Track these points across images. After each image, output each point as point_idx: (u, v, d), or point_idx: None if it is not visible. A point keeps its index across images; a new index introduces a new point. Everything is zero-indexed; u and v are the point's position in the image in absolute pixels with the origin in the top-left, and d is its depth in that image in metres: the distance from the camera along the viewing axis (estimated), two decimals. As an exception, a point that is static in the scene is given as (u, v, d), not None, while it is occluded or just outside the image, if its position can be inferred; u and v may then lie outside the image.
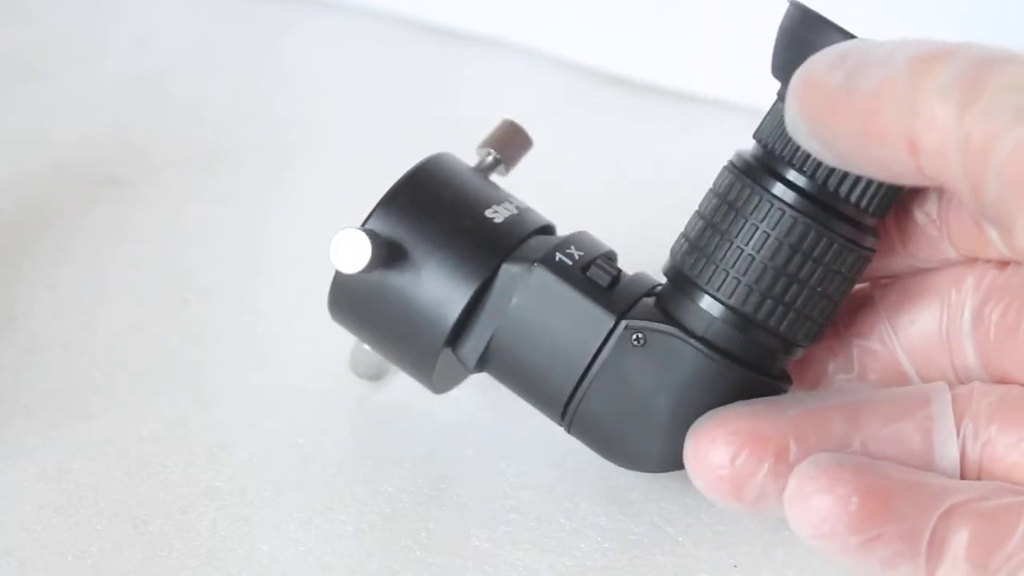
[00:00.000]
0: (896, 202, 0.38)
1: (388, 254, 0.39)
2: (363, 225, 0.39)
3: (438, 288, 0.39)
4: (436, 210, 0.40)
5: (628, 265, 0.40)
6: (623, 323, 0.38)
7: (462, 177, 0.41)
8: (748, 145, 0.38)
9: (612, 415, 0.39)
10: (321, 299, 0.41)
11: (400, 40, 0.64)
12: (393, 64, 0.63)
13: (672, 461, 0.39)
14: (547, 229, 0.41)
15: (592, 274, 0.39)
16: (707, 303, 0.38)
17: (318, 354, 0.47)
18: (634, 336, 0.38)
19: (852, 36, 0.35)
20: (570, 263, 0.39)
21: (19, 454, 0.43)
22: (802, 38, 0.35)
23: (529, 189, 0.56)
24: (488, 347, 0.40)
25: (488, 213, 0.40)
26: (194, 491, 0.43)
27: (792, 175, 0.37)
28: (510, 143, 0.43)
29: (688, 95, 0.61)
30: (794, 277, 0.37)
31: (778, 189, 0.37)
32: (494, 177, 0.43)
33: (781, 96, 0.37)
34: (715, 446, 0.37)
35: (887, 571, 0.35)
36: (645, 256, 0.41)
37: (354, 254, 0.38)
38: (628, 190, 0.55)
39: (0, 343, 0.47)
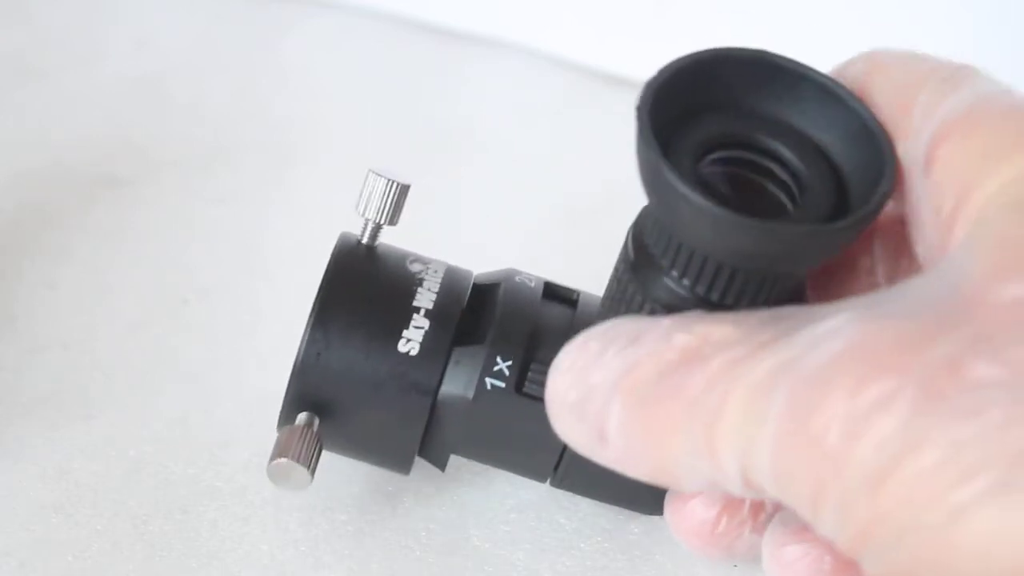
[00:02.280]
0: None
1: (323, 428, 0.39)
2: (283, 410, 0.39)
3: (386, 439, 0.39)
4: (350, 370, 0.38)
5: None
6: None
7: (363, 302, 0.39)
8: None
9: (594, 489, 0.41)
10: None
11: (400, 40, 0.64)
12: (393, 64, 0.63)
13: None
14: (464, 326, 0.39)
15: (529, 390, 0.38)
16: None
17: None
18: None
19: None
20: (503, 385, 0.38)
21: (19, 454, 0.43)
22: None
23: (529, 190, 0.56)
24: (456, 452, 0.40)
25: (402, 347, 0.38)
26: (194, 491, 0.43)
27: (671, 283, 0.34)
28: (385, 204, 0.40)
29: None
30: None
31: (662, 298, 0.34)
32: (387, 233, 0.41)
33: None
34: (695, 513, 0.37)
35: None
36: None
37: (296, 481, 0.38)
38: (628, 190, 0.55)
39: (0, 343, 0.47)
